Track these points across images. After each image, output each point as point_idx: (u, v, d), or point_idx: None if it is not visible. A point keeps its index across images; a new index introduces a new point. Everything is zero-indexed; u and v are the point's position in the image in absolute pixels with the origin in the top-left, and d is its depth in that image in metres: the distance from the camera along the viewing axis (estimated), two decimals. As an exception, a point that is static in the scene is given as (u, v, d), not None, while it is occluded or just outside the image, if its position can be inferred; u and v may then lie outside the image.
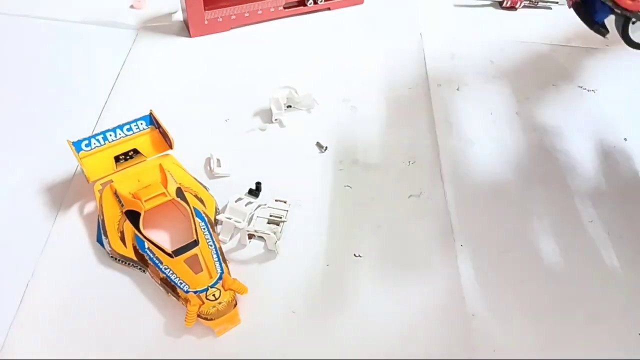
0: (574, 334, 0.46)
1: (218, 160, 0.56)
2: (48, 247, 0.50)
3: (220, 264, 0.47)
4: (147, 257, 0.47)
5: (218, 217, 0.51)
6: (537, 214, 0.54)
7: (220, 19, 0.70)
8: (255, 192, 0.54)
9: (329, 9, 0.76)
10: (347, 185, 0.56)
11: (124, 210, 0.50)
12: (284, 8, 0.73)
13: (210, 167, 0.56)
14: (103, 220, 0.50)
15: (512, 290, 0.49)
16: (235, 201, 0.52)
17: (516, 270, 0.50)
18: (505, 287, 0.49)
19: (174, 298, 0.46)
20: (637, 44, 0.47)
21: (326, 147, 0.58)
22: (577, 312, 0.47)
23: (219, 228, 0.51)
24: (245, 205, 0.52)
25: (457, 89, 0.66)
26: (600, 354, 0.45)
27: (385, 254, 0.51)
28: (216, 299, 0.44)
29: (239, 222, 0.50)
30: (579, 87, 0.67)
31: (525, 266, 0.50)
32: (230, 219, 0.50)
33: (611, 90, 0.66)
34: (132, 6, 0.74)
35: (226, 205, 0.51)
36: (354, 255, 0.51)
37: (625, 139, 0.58)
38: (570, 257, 0.51)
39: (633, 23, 0.47)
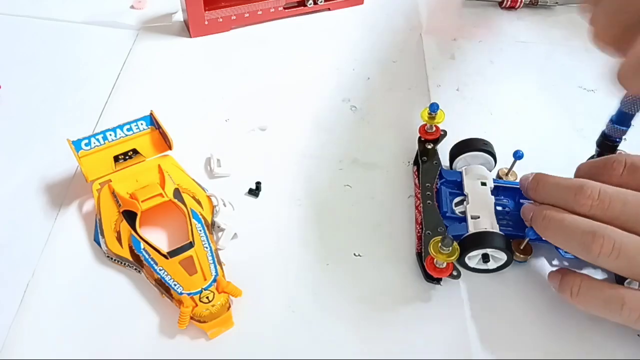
0: (574, 334, 0.46)
1: (218, 160, 0.56)
2: (48, 247, 0.50)
3: (215, 267, 0.47)
4: (142, 258, 0.47)
5: (215, 218, 0.51)
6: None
7: (221, 19, 0.70)
8: (255, 191, 0.54)
9: (329, 9, 0.76)
10: (347, 185, 0.56)
11: (121, 210, 0.50)
12: (284, 8, 0.73)
13: (210, 167, 0.56)
14: (100, 220, 0.50)
15: (511, 291, 0.49)
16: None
17: (516, 271, 0.49)
18: (505, 287, 0.49)
19: (168, 299, 0.46)
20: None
21: None
22: (577, 312, 0.47)
23: (220, 235, 0.51)
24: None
25: (457, 89, 0.66)
26: (600, 354, 0.45)
27: (385, 253, 0.51)
28: (210, 302, 0.44)
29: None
30: (579, 87, 0.67)
31: (525, 266, 0.50)
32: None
33: (611, 89, 0.66)
34: (132, 6, 0.74)
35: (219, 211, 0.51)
36: (354, 254, 0.51)
37: (625, 139, 0.58)
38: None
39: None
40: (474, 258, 0.48)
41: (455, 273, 0.47)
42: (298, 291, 0.48)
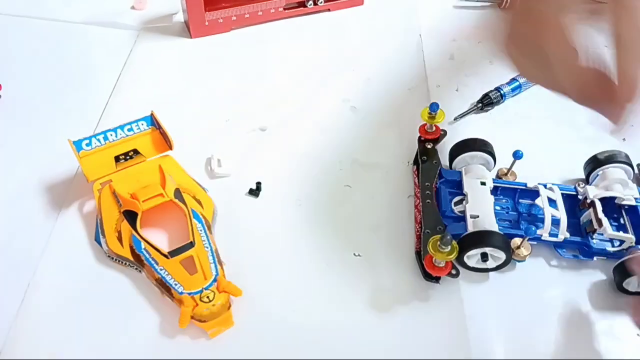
0: (574, 334, 0.46)
1: (219, 160, 0.57)
2: (49, 247, 0.50)
3: (216, 266, 0.47)
4: (143, 258, 0.47)
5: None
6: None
7: (221, 20, 0.71)
8: (255, 191, 0.55)
9: (329, 9, 0.76)
10: (347, 185, 0.56)
11: (121, 210, 0.50)
12: (284, 9, 0.73)
13: (210, 167, 0.57)
14: (101, 220, 0.50)
15: (511, 291, 0.49)
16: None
17: (515, 271, 0.50)
18: (505, 288, 0.49)
19: (169, 299, 0.46)
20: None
21: None
22: (577, 312, 0.47)
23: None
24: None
25: (457, 90, 0.66)
26: (600, 354, 0.45)
27: (385, 253, 0.51)
28: (210, 301, 0.44)
29: None
30: (579, 87, 0.67)
31: (524, 266, 0.50)
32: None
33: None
34: (133, 7, 0.74)
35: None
36: (354, 254, 0.51)
37: (624, 139, 0.58)
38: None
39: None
40: (472, 257, 0.48)
41: (454, 272, 0.47)
42: (298, 291, 0.48)
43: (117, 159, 0.53)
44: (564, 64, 0.38)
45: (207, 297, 0.44)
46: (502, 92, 0.63)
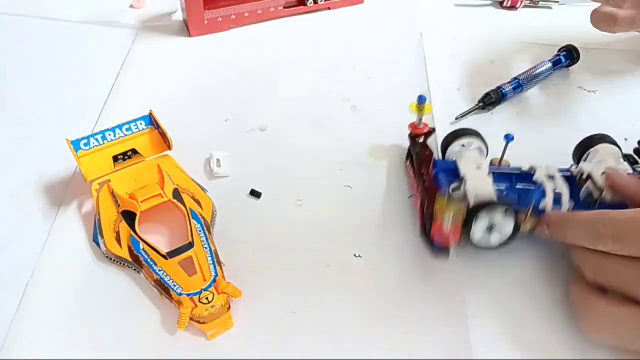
0: (576, 334, 0.46)
1: (218, 160, 0.56)
2: (47, 247, 0.50)
3: (215, 267, 0.46)
4: (141, 258, 0.47)
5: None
6: (538, 214, 0.54)
7: (220, 19, 0.70)
8: (256, 192, 0.54)
9: (329, 8, 0.76)
10: (347, 185, 0.56)
11: (120, 210, 0.50)
12: (284, 7, 0.73)
13: (210, 167, 0.56)
14: (99, 220, 0.50)
15: (512, 291, 0.48)
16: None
17: (517, 271, 0.49)
18: (506, 287, 0.49)
19: (168, 300, 0.45)
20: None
21: None
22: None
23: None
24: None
25: (458, 89, 0.66)
26: (601, 354, 0.45)
27: (385, 254, 0.51)
28: (209, 302, 0.44)
29: None
30: (579, 87, 0.67)
31: (526, 266, 0.50)
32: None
33: (611, 90, 0.66)
34: (131, 5, 0.74)
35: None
36: (354, 255, 0.50)
37: (625, 139, 0.58)
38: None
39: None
40: (480, 223, 0.46)
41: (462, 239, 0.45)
42: (298, 292, 0.48)
43: (115, 158, 0.53)
44: None
45: (206, 298, 0.44)
46: (503, 91, 0.63)
